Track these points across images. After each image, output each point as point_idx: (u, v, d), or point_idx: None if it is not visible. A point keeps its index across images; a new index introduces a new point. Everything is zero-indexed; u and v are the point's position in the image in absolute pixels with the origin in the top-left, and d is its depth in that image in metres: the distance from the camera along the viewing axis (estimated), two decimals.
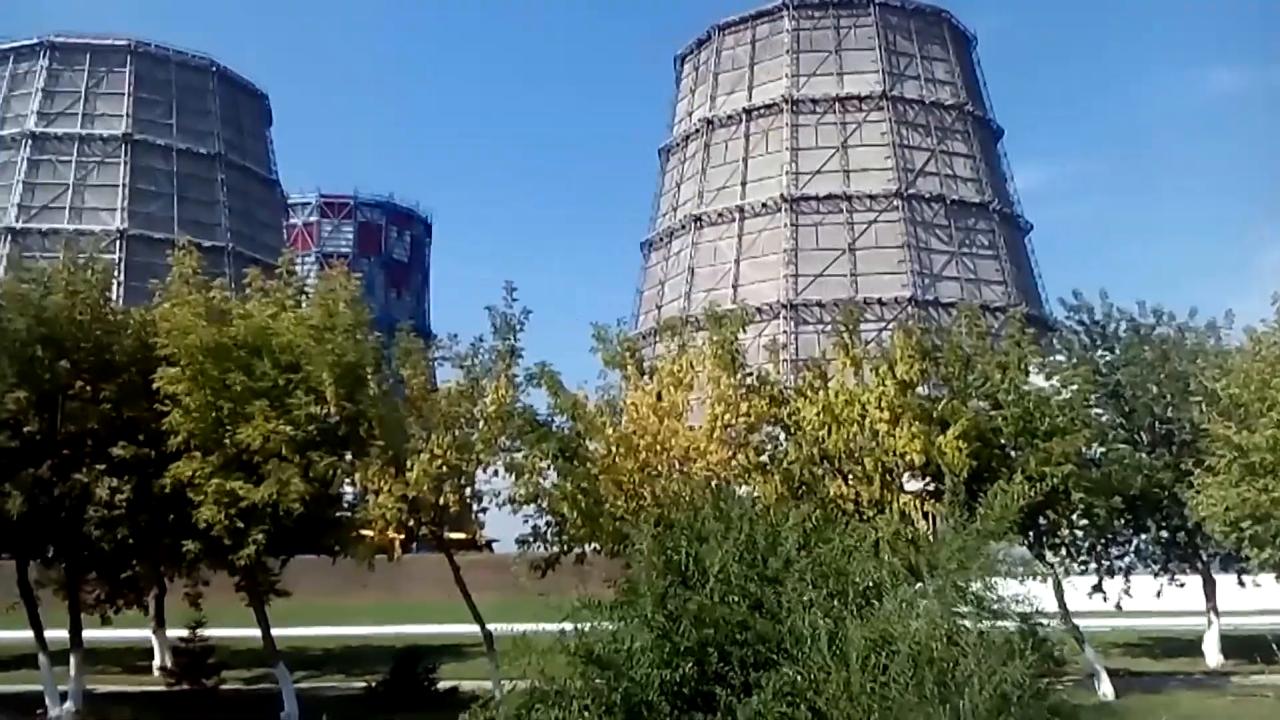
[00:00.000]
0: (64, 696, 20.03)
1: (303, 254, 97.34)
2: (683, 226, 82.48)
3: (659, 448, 17.53)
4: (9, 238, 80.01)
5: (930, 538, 13.99)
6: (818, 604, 8.56)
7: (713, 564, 9.03)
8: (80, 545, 19.21)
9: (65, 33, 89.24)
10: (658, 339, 58.81)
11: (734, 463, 18.05)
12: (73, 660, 20.33)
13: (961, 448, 17.53)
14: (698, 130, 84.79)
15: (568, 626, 8.80)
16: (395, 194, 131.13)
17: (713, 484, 15.60)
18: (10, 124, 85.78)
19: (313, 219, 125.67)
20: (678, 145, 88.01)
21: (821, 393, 18.82)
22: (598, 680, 8.49)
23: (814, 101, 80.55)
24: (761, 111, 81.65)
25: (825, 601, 8.65)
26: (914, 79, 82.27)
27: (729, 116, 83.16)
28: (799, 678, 7.92)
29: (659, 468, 17.52)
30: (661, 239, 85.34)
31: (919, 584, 9.15)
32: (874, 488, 17.83)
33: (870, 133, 79.64)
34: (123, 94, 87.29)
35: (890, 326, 51.64)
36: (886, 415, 18.04)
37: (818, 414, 18.29)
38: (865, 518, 16.64)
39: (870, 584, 8.96)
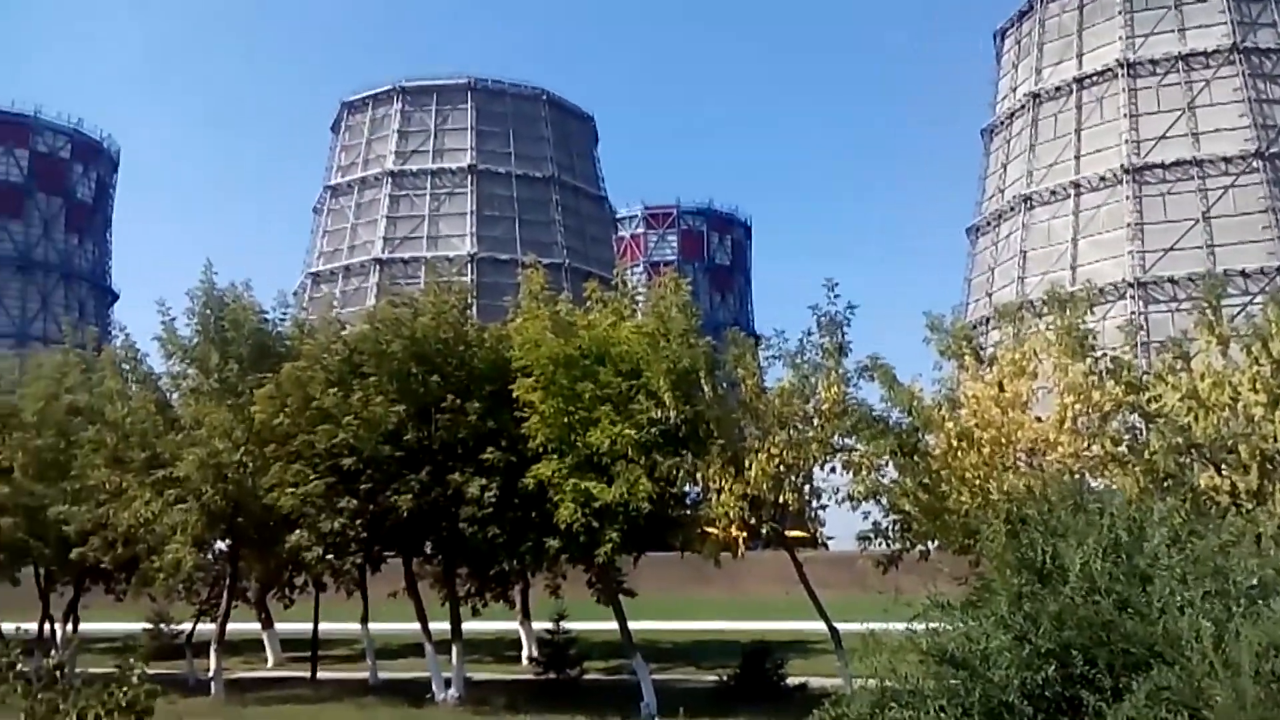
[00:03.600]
0: (448, 683, 22.04)
1: (631, 265, 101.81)
2: (1012, 208, 78.65)
3: (1003, 440, 16.80)
4: (377, 268, 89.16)
5: None
6: (1194, 604, 7.94)
7: (1072, 561, 8.58)
8: (456, 542, 21.15)
9: (413, 77, 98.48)
10: (991, 326, 56.47)
11: (1087, 454, 16.97)
12: (454, 650, 22.32)
13: None
14: (1023, 106, 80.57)
15: (914, 625, 8.65)
16: (714, 200, 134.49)
17: (1065, 477, 14.82)
18: (373, 165, 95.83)
19: (639, 230, 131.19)
20: (1002, 124, 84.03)
21: (1184, 376, 17.32)
22: (952, 681, 8.30)
23: (1153, 63, 74.29)
24: (1094, 79, 76.36)
25: (1202, 602, 8.01)
26: (1269, 26, 73.94)
27: (1057, 88, 78.41)
28: (1178, 682, 7.38)
29: (1005, 461, 16.81)
30: (989, 223, 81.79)
31: None
32: (1251, 477, 16.16)
33: (1221, 90, 72.36)
34: (466, 128, 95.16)
35: (1257, 299, 46.68)
36: (1263, 398, 16.31)
37: (1181, 399, 16.84)
38: (1243, 510, 15.18)
39: (1254, 583, 8.20)
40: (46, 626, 28.23)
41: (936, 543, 17.63)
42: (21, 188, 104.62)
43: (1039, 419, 17.31)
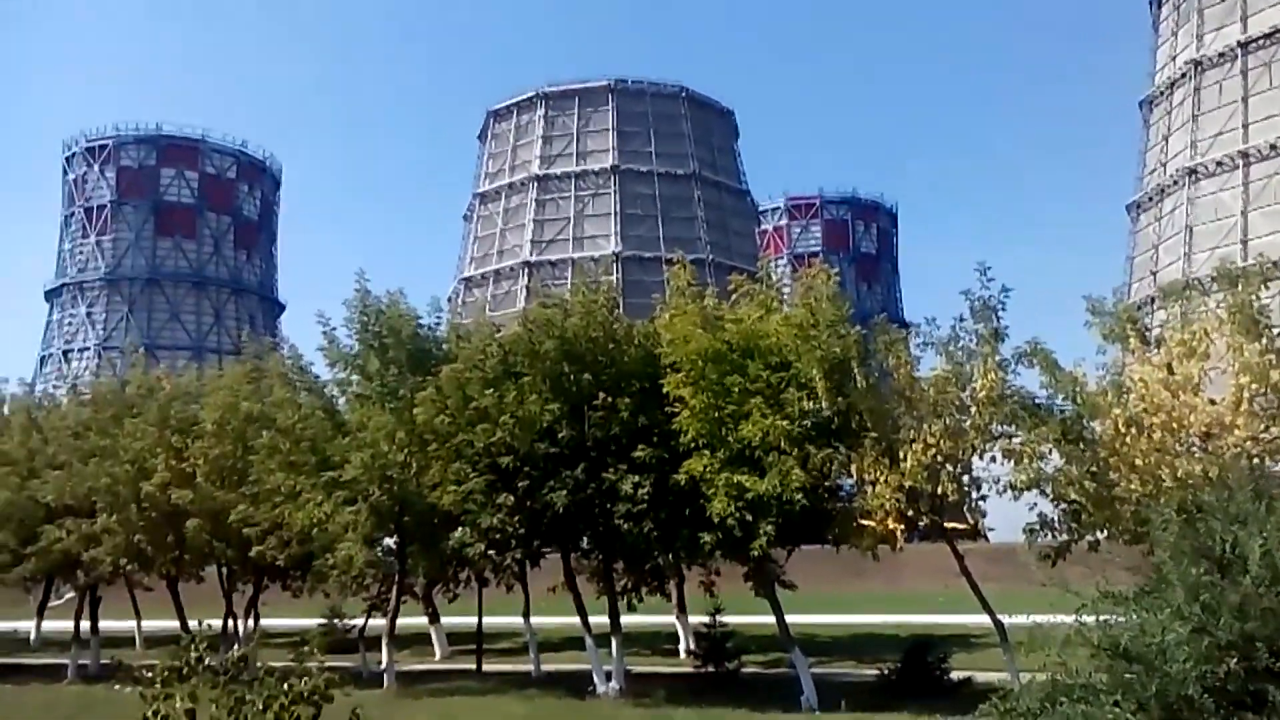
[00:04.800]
0: (608, 676, 22.41)
1: (775, 257, 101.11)
2: (1175, 182, 75.00)
3: (1175, 425, 16.07)
4: (526, 270, 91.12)
5: None
6: None
7: (1253, 550, 8.20)
8: (612, 538, 21.51)
9: (555, 82, 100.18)
10: (1157, 306, 53.90)
11: (1266, 437, 16.07)
12: (614, 643, 22.67)
13: None
14: (1184, 75, 76.75)
15: (1082, 618, 8.39)
16: (858, 188, 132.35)
17: (1243, 461, 14.11)
18: (519, 170, 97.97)
19: (781, 223, 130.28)
20: (1161, 94, 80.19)
21: None
22: (1127, 675, 8.03)
23: None
24: (1260, 43, 72.18)
25: None
26: None
27: (1220, 54, 74.38)
28: None
29: (1177, 446, 16.08)
30: (1151, 198, 78.22)
31: None
32: None
33: None
34: (608, 130, 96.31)
35: None
36: None
37: None
38: None
39: None
40: (230, 622, 29.83)
41: (1105, 533, 17.01)
42: (193, 208, 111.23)
43: (1212, 401, 16.50)
